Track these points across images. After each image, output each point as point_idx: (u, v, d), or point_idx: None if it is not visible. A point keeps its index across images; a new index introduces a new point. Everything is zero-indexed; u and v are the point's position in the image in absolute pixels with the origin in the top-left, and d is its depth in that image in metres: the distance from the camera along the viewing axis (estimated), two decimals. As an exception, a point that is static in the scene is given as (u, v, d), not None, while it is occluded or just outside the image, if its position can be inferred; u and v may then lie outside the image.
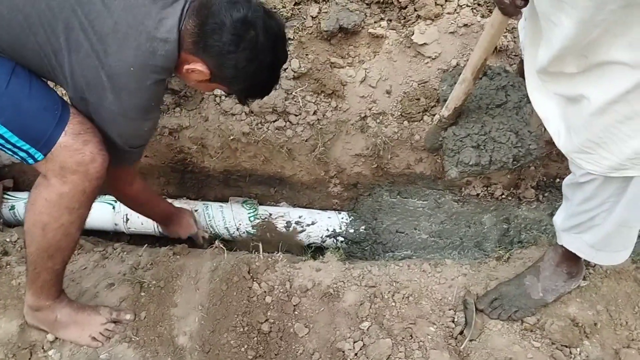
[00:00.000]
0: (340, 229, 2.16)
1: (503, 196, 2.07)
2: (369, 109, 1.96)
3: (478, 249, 2.07)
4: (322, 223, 2.16)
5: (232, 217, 2.14)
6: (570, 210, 1.45)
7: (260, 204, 2.24)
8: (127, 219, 2.14)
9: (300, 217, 2.16)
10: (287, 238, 2.13)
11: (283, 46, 1.37)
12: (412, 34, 1.89)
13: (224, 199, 2.27)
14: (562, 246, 1.55)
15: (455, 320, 1.63)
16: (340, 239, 2.16)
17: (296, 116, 1.97)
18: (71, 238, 1.39)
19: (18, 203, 2.16)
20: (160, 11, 1.22)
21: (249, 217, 2.15)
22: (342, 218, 2.18)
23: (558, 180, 2.03)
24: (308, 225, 2.15)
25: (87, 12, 1.19)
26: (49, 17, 1.20)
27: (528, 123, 1.78)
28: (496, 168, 1.79)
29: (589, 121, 1.12)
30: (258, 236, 2.13)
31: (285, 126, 1.98)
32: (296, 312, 1.65)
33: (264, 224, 2.15)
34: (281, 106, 1.94)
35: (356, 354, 1.56)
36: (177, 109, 2.04)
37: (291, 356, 1.58)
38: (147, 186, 1.78)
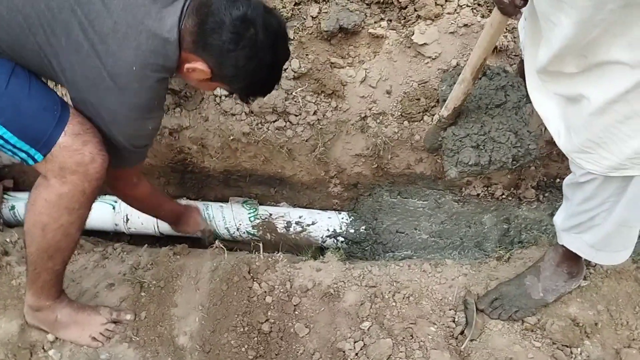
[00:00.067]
0: (340, 229, 2.16)
1: (503, 196, 2.07)
2: (369, 109, 1.96)
3: (478, 249, 2.07)
4: (323, 223, 2.16)
5: (233, 217, 2.14)
6: (570, 210, 1.44)
7: (260, 204, 2.24)
8: (128, 219, 2.14)
9: (300, 217, 2.16)
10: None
11: (284, 44, 1.36)
12: (412, 34, 1.89)
13: (224, 199, 2.27)
14: (563, 246, 1.54)
15: (455, 320, 1.63)
16: (340, 239, 2.16)
17: (296, 116, 1.97)
18: (71, 238, 1.39)
19: (18, 203, 2.16)
20: (160, 10, 1.22)
21: (249, 217, 2.15)
22: (343, 218, 2.18)
23: (558, 180, 2.03)
24: (308, 225, 2.15)
25: (87, 12, 1.19)
26: (49, 18, 1.19)
27: (527, 123, 1.78)
28: (496, 168, 1.79)
29: (589, 121, 1.12)
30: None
31: (285, 126, 1.98)
32: (296, 312, 1.65)
33: (264, 224, 2.15)
34: (281, 106, 1.94)
35: (357, 354, 1.56)
36: (177, 109, 2.03)
37: (291, 356, 1.57)
38: (154, 187, 1.76)
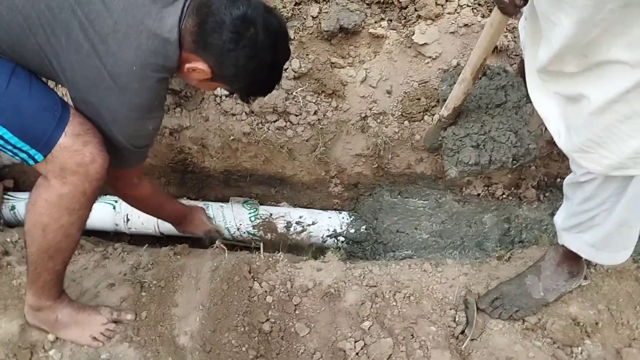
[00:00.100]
0: (341, 229, 2.16)
1: (504, 196, 2.07)
2: (370, 109, 1.96)
3: (479, 249, 2.07)
4: (323, 223, 2.16)
5: (233, 217, 2.14)
6: (570, 209, 1.44)
7: (260, 204, 2.24)
8: (128, 219, 2.14)
9: (300, 217, 2.16)
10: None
11: (284, 43, 1.36)
12: (413, 34, 1.89)
13: (225, 199, 2.27)
14: (563, 246, 1.54)
15: (456, 319, 1.63)
16: (341, 239, 2.16)
17: (297, 116, 1.97)
18: (71, 239, 1.39)
19: (19, 203, 2.16)
20: (160, 10, 1.22)
21: (250, 217, 2.15)
22: (343, 218, 2.18)
23: (559, 180, 2.03)
24: (309, 225, 2.15)
25: (87, 12, 1.19)
26: (49, 18, 1.19)
27: (527, 123, 1.78)
28: (496, 168, 1.79)
29: (589, 120, 1.12)
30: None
31: (285, 126, 1.98)
32: (297, 312, 1.65)
33: (265, 224, 2.15)
34: (282, 106, 1.94)
35: (357, 354, 1.56)
36: (178, 109, 2.03)
37: (292, 356, 1.57)
38: (155, 187, 1.75)
